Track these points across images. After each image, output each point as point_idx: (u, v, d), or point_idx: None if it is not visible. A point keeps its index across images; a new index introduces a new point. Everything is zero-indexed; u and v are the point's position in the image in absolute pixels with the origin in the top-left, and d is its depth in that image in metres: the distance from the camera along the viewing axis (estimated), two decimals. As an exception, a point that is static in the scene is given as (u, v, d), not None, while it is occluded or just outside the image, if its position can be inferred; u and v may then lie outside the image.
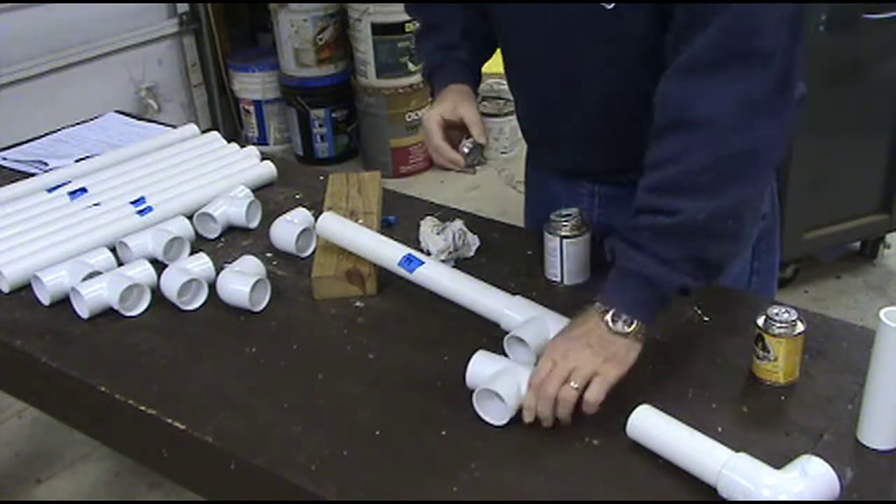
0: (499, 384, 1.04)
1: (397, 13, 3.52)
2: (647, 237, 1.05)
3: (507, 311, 1.19)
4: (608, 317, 1.05)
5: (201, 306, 1.33)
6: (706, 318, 1.22)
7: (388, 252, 1.30)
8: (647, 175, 1.07)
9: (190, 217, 1.53)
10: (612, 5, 1.11)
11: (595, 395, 1.01)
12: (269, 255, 1.45)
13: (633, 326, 1.05)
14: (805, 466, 0.89)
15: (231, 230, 1.54)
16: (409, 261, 1.27)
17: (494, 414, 1.05)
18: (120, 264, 1.42)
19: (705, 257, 1.06)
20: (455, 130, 1.32)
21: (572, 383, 1.01)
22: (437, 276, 1.26)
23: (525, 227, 1.57)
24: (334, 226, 1.37)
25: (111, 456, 2.29)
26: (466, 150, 1.31)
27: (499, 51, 1.41)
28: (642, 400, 1.01)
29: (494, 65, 1.42)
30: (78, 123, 2.06)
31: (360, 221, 1.44)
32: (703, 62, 1.01)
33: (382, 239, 1.34)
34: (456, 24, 1.38)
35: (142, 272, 1.37)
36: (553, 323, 1.14)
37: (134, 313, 1.32)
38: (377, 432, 1.05)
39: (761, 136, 1.03)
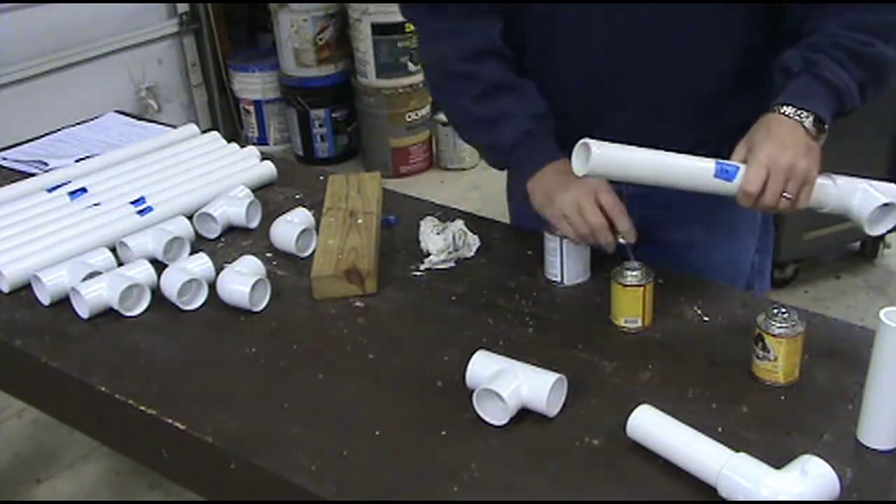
0: (499, 384, 1.04)
1: (397, 13, 3.51)
2: (844, 56, 1.14)
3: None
4: (808, 121, 1.12)
5: (201, 306, 1.33)
6: (706, 318, 1.22)
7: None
8: (839, 14, 1.15)
9: (190, 217, 1.53)
10: None
11: (803, 201, 1.11)
12: (269, 255, 1.45)
13: (825, 134, 1.14)
14: (805, 466, 0.89)
15: (231, 230, 1.54)
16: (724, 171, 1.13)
17: (494, 414, 1.05)
18: (120, 264, 1.42)
19: (868, 92, 1.17)
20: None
21: (787, 193, 1.09)
22: None
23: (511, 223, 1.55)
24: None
25: (111, 456, 2.30)
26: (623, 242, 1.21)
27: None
28: (642, 400, 1.01)
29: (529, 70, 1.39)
30: (78, 123, 2.06)
31: (360, 222, 1.44)
32: None
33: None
34: (531, 88, 1.26)
35: (142, 272, 1.37)
36: None
37: (134, 313, 1.32)
38: (377, 432, 1.05)
39: None
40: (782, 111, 1.13)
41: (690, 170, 1.13)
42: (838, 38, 1.14)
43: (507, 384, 1.04)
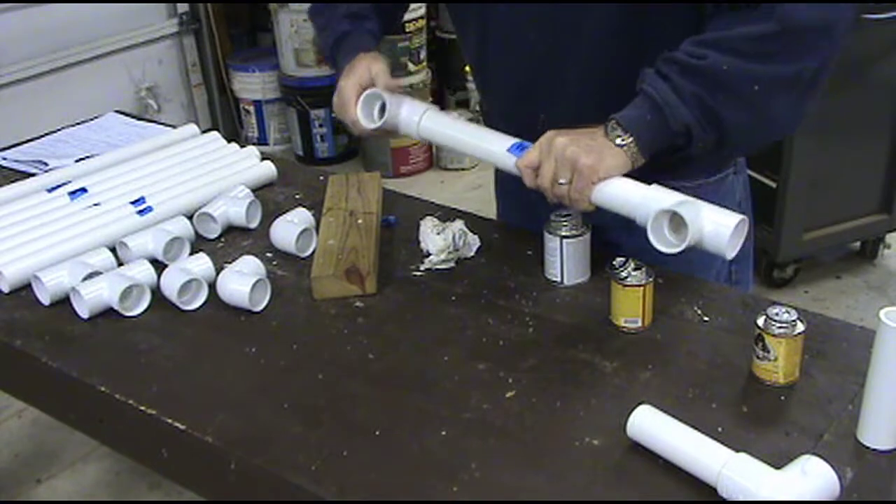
0: (683, 208, 1.01)
1: (397, 13, 3.52)
2: (674, 70, 1.10)
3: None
4: (608, 126, 1.11)
5: (201, 306, 1.33)
6: (706, 318, 1.22)
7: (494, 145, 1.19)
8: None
9: (190, 217, 1.53)
10: None
11: (575, 192, 1.08)
12: (269, 255, 1.45)
13: (627, 140, 1.09)
14: (805, 466, 0.89)
15: (231, 230, 1.54)
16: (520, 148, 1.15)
17: (665, 240, 1.02)
18: (120, 264, 1.42)
19: (718, 111, 1.09)
20: None
21: (560, 179, 1.08)
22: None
23: (498, 218, 1.57)
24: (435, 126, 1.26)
25: (111, 456, 2.30)
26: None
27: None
28: (642, 400, 1.01)
29: (471, 68, 1.42)
30: (78, 123, 2.06)
31: (360, 222, 1.44)
32: None
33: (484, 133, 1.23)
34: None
35: (142, 272, 1.37)
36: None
37: (134, 313, 1.32)
38: (377, 432, 1.05)
39: (827, 16, 1.06)
40: (606, 123, 1.12)
41: (485, 140, 1.17)
42: (675, 53, 1.11)
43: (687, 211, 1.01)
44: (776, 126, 1.15)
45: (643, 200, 1.07)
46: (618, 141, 1.10)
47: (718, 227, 1.03)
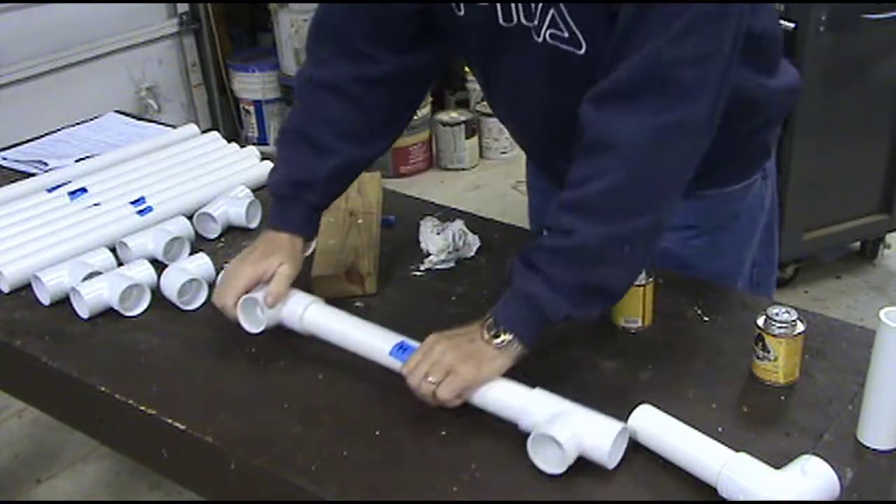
0: (556, 429, 0.96)
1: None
2: (543, 259, 1.04)
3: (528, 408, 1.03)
4: (486, 325, 1.05)
5: (201, 306, 1.33)
6: (706, 318, 1.22)
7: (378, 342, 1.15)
8: (562, 193, 1.05)
9: (190, 217, 1.53)
10: (583, 50, 1.07)
11: (442, 392, 1.03)
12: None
13: (507, 340, 1.04)
14: (805, 466, 0.89)
15: (231, 230, 1.54)
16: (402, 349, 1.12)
17: (549, 461, 0.97)
18: (120, 264, 1.42)
19: (599, 284, 1.04)
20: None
21: (430, 378, 1.03)
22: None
23: (531, 230, 1.56)
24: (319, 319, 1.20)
25: (111, 456, 2.29)
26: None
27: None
28: (642, 400, 1.01)
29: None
30: (78, 123, 2.06)
31: (360, 221, 1.44)
32: (622, 88, 1.00)
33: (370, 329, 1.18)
34: (330, 153, 1.22)
35: (142, 272, 1.37)
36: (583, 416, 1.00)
37: (134, 313, 1.32)
38: (377, 432, 1.05)
39: (674, 164, 1.02)
40: (484, 321, 1.06)
41: (369, 337, 1.14)
42: (540, 239, 1.05)
43: (565, 429, 0.96)
44: (645, 264, 1.12)
45: (522, 407, 1.02)
46: (496, 342, 1.04)
47: (597, 439, 0.97)
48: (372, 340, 1.14)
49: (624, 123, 1.00)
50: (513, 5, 1.10)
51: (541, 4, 1.07)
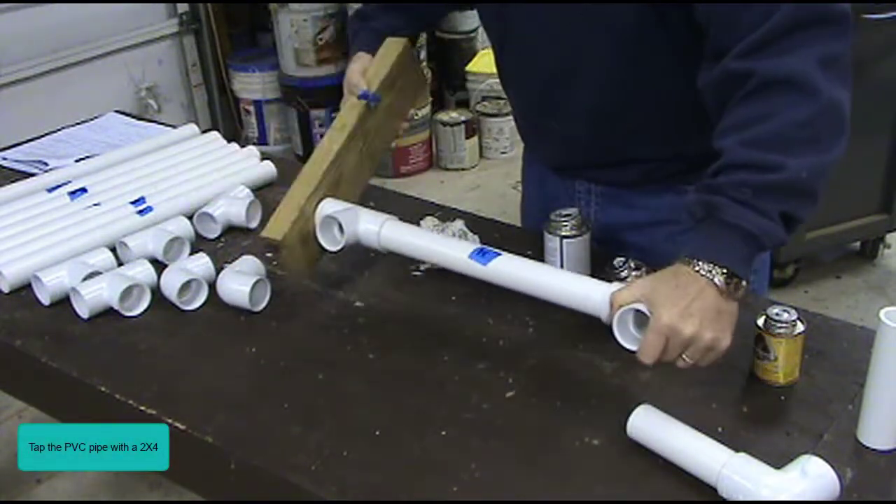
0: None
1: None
2: (750, 194, 1.00)
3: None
4: (719, 279, 0.98)
5: (201, 306, 1.33)
6: (706, 318, 1.22)
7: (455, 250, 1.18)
8: (732, 134, 1.03)
9: (190, 217, 1.53)
10: None
11: (703, 363, 0.99)
12: (269, 255, 1.45)
13: (742, 289, 1.00)
14: (805, 466, 0.89)
15: (231, 230, 1.54)
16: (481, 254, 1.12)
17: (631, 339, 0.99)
18: (120, 264, 1.42)
19: (797, 215, 1.04)
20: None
21: (688, 359, 0.98)
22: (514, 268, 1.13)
23: (522, 225, 1.57)
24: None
25: (111, 456, 2.29)
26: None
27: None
28: (642, 400, 1.01)
29: (495, 66, 1.42)
30: (78, 123, 2.06)
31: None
32: (779, 31, 1.02)
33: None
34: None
35: (142, 272, 1.37)
36: None
37: (134, 313, 1.32)
38: (377, 432, 1.05)
39: (844, 90, 1.04)
40: (692, 266, 0.99)
41: (447, 247, 1.19)
42: (739, 174, 1.01)
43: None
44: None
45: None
46: (738, 294, 1.00)
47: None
48: (450, 249, 1.18)
49: (793, 59, 1.01)
50: None
51: None
